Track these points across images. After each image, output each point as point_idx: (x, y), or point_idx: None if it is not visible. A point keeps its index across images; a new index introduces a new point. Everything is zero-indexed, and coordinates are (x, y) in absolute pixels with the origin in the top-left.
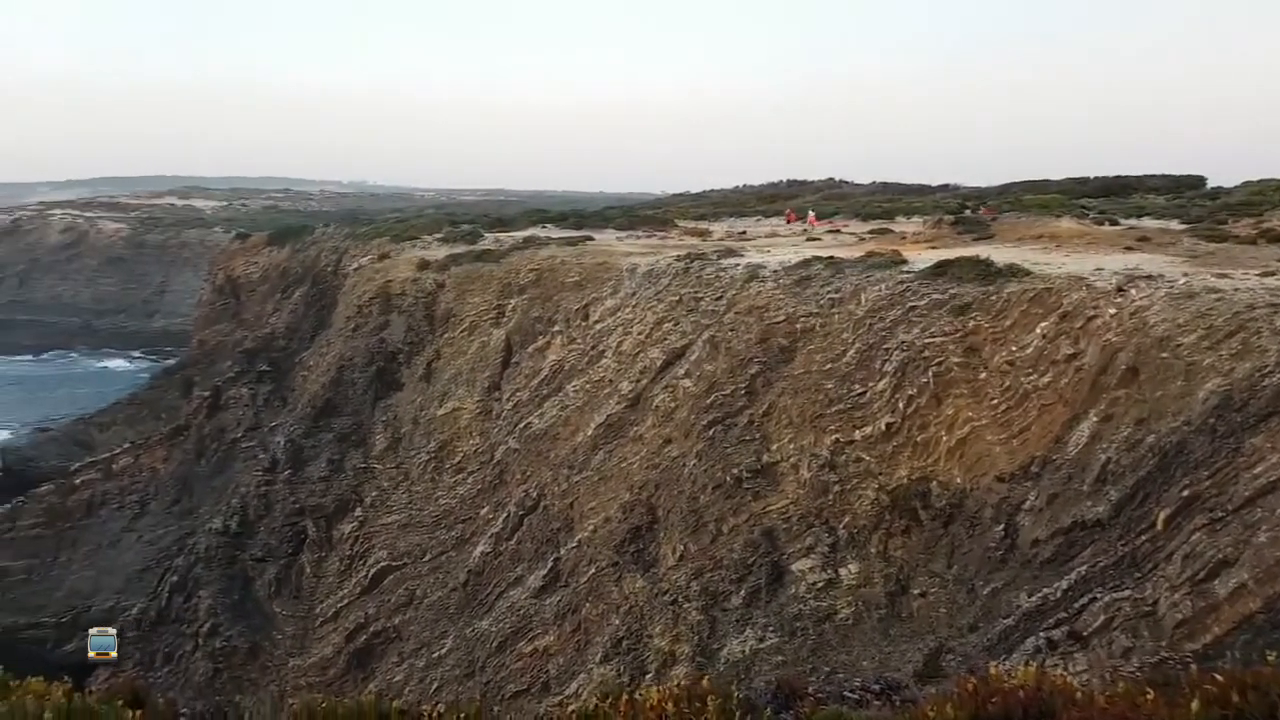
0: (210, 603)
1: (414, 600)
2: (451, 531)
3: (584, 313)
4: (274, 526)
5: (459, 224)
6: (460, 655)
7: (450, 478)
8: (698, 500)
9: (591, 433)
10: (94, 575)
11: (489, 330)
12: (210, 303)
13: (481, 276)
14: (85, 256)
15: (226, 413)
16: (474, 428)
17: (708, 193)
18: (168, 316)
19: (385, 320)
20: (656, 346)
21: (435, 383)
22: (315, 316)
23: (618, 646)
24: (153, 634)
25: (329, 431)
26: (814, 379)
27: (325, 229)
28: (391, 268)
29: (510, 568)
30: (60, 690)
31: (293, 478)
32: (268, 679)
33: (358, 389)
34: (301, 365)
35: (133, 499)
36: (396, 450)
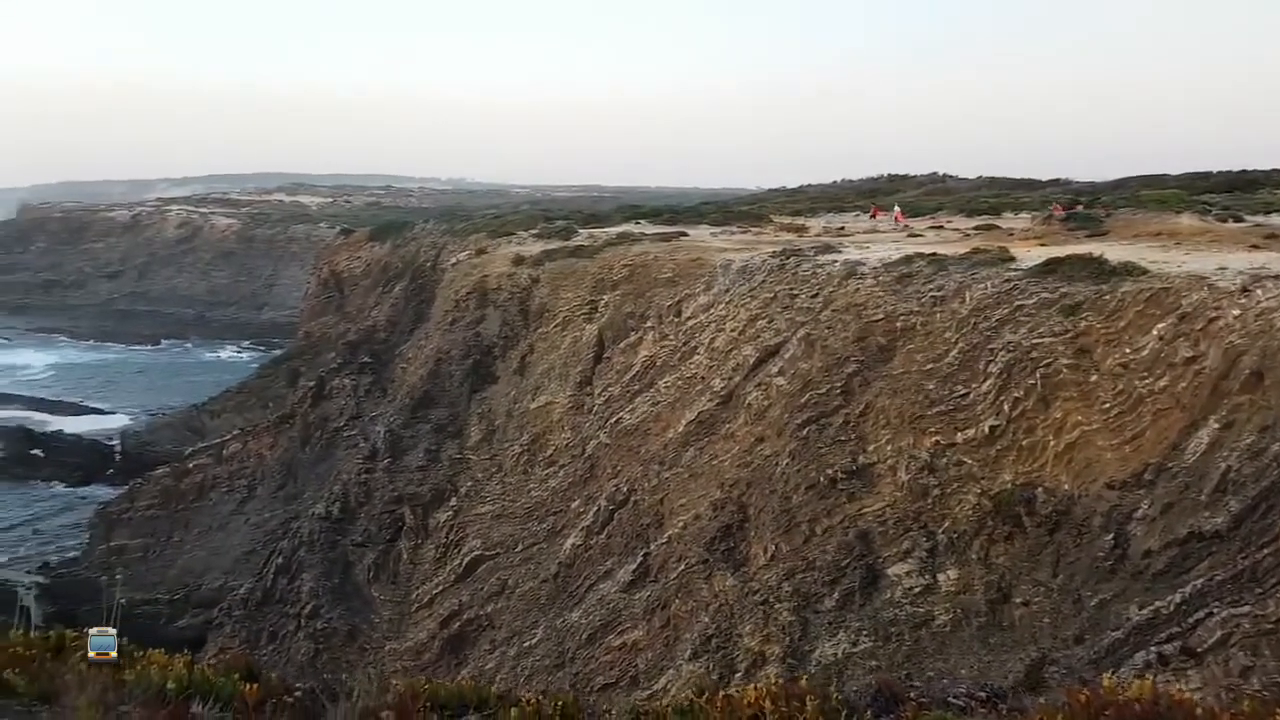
0: (312, 585)
1: (506, 590)
2: (543, 523)
3: (676, 309)
4: (373, 513)
5: (553, 220)
6: (550, 646)
7: (542, 470)
8: (790, 500)
9: (682, 429)
10: (204, 555)
11: (581, 325)
12: (315, 296)
13: (575, 272)
14: (199, 250)
15: (330, 402)
16: (566, 422)
17: (804, 188)
18: (275, 309)
19: (481, 315)
20: (750, 344)
21: (528, 377)
22: (414, 310)
23: (707, 644)
24: (258, 613)
25: (426, 422)
26: (914, 379)
27: (425, 225)
28: (488, 263)
29: (600, 561)
30: (181, 662)
31: (392, 466)
32: (365, 661)
33: (454, 381)
34: (401, 357)
35: (241, 483)
36: (490, 442)
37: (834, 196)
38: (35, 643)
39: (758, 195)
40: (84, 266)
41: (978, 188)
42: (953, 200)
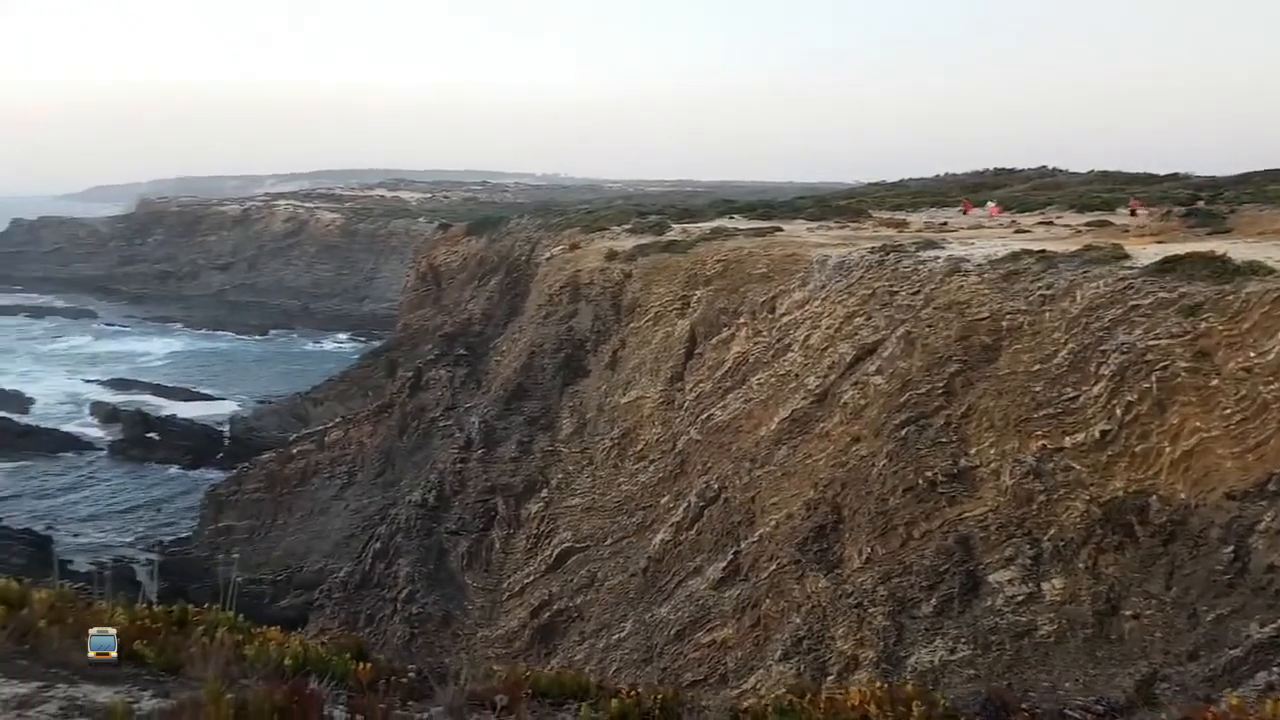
0: (408, 570)
1: (595, 582)
2: (632, 518)
3: (771, 305)
4: (467, 502)
5: (646, 215)
6: (639, 640)
7: (632, 465)
8: (887, 502)
9: (775, 427)
10: (306, 538)
11: (673, 321)
12: (414, 289)
13: (668, 267)
14: (305, 244)
15: (426, 393)
16: (656, 417)
17: (904, 182)
18: (376, 301)
19: (574, 309)
20: (846, 341)
21: (620, 371)
22: (509, 303)
23: (798, 645)
24: (356, 596)
25: (519, 414)
26: (1020, 380)
27: (520, 220)
28: (581, 258)
29: (690, 557)
30: (296, 639)
31: (485, 457)
32: (458, 647)
33: (547, 374)
34: (495, 350)
35: (342, 469)
36: (582, 435)
37: (936, 191)
38: (159, 616)
39: (856, 190)
40: (197, 258)
41: (1089, 182)
42: (1063, 195)
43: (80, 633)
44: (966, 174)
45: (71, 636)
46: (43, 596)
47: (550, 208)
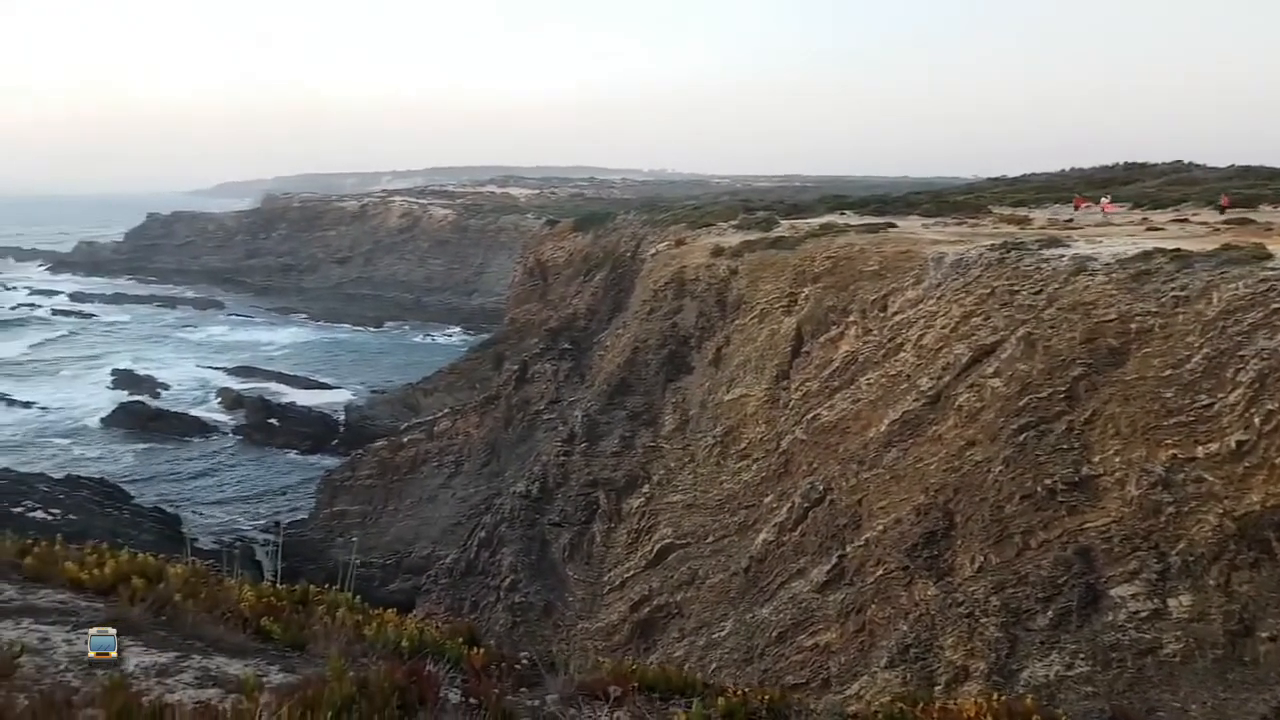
0: (512, 560)
1: (695, 580)
2: (734, 516)
3: (882, 303)
4: (570, 495)
5: (754, 211)
6: (740, 640)
7: (735, 463)
8: (1002, 510)
9: (885, 429)
10: (415, 524)
11: (780, 318)
12: (521, 283)
13: (775, 264)
14: (418, 239)
15: (532, 386)
16: (760, 415)
17: (1028, 177)
18: (484, 295)
19: (679, 305)
20: (963, 342)
21: (724, 368)
22: (613, 299)
23: (905, 653)
24: (461, 583)
25: (622, 409)
26: (1149, 386)
27: (625, 216)
28: (686, 254)
29: (793, 559)
30: (412, 622)
31: (588, 451)
32: (559, 637)
33: (650, 370)
34: (599, 345)
35: (449, 459)
36: (684, 432)
37: (1060, 186)
38: (283, 594)
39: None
40: (317, 252)
41: (1229, 178)
42: (1199, 191)
43: (214, 607)
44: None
45: (205, 610)
46: (177, 571)
47: (656, 204)
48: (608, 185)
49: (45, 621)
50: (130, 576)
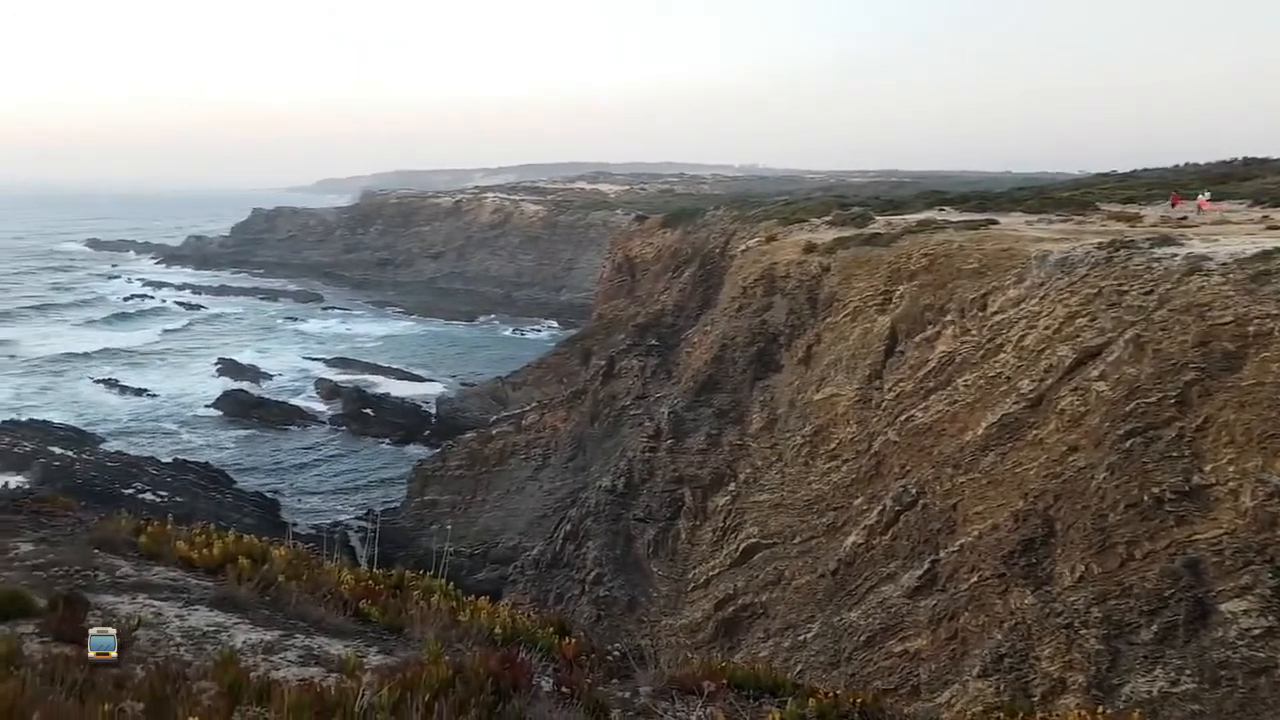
0: (596, 554)
1: (782, 580)
2: (822, 518)
3: (981, 302)
4: (655, 491)
5: (848, 206)
6: (826, 643)
7: (824, 464)
8: (1106, 518)
9: (982, 432)
10: (502, 516)
11: (873, 317)
12: (609, 279)
13: (869, 261)
14: (509, 235)
15: (618, 381)
16: (851, 415)
17: (1138, 172)
18: (573, 291)
19: (768, 302)
20: (1066, 343)
21: (814, 367)
22: (702, 295)
23: (998, 663)
24: (547, 574)
25: (709, 406)
26: (1268, 392)
27: (715, 212)
28: (777, 250)
29: (883, 563)
30: (505, 611)
31: (674, 447)
32: (642, 632)
33: (738, 368)
34: (687, 342)
35: (537, 452)
36: (772, 431)
37: (1174, 183)
38: (379, 579)
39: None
40: (412, 247)
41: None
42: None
43: (315, 589)
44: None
45: (307, 592)
46: (281, 554)
47: (747, 200)
48: (698, 181)
49: (159, 597)
50: (237, 557)
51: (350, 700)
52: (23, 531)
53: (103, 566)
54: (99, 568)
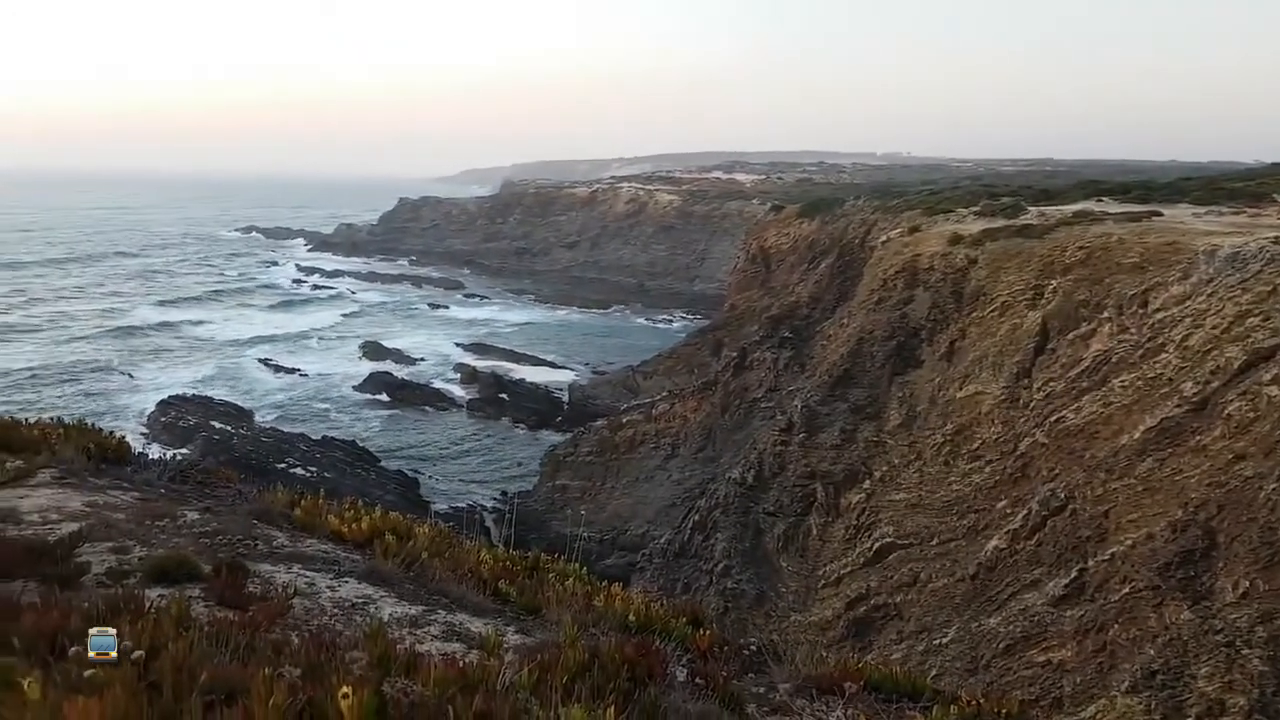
0: (725, 545)
1: (917, 582)
2: (962, 520)
3: (1142, 299)
4: (786, 485)
5: (998, 197)
6: (963, 648)
7: (965, 464)
8: (1275, 531)
9: (1139, 436)
10: (631, 503)
11: (1023, 312)
12: (743, 270)
13: (1020, 254)
14: (643, 225)
15: (750, 373)
16: (996, 415)
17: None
18: (705, 281)
19: (910, 295)
20: (1236, 344)
21: (957, 363)
22: (838, 288)
23: (1150, 680)
24: (674, 564)
25: (844, 401)
26: None
27: (855, 201)
28: (920, 241)
29: (1026, 569)
30: (640, 598)
31: (806, 442)
32: (770, 627)
33: (875, 362)
34: (822, 334)
35: (666, 441)
36: (910, 428)
37: None
38: (515, 559)
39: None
40: (549, 237)
41: None
42: None
43: (455, 567)
44: None
45: (448, 570)
46: (424, 531)
47: (889, 189)
48: (837, 170)
49: (311, 568)
50: (383, 533)
51: (492, 678)
52: (189, 501)
53: (261, 536)
54: (257, 537)
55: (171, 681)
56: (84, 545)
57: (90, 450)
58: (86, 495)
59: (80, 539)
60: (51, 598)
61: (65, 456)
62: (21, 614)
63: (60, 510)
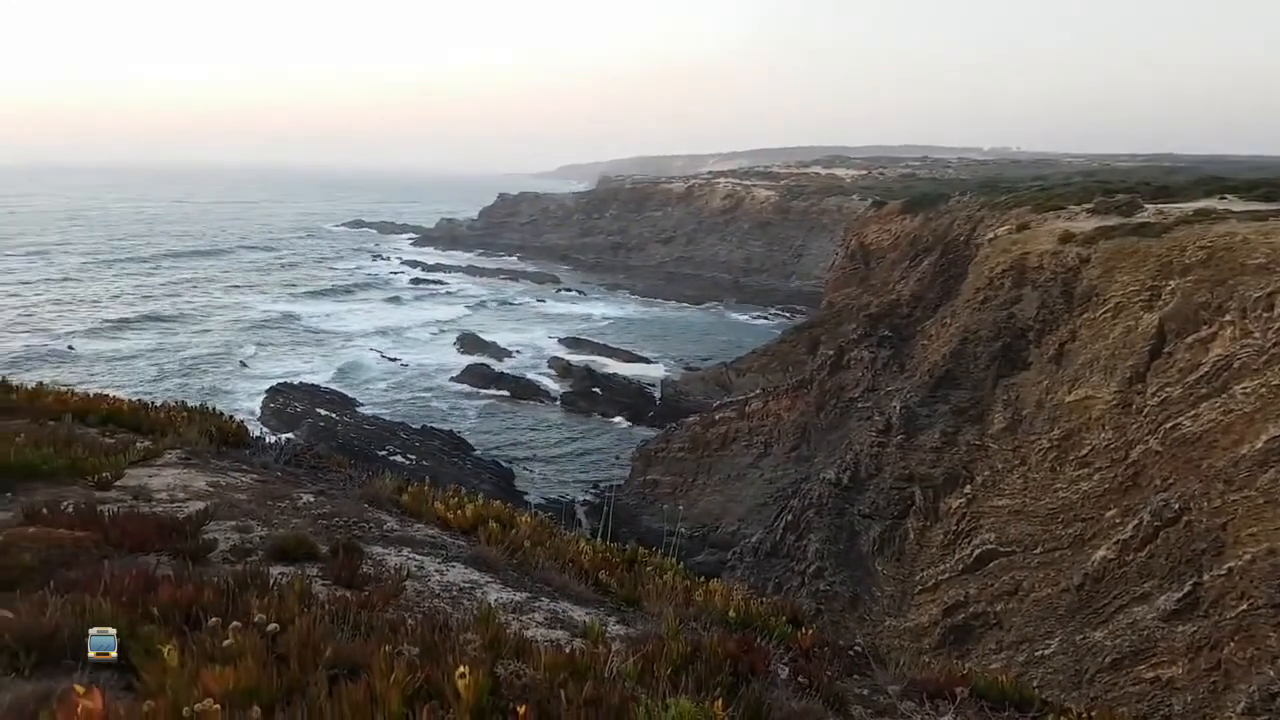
0: (818, 547)
1: (1019, 591)
2: (1069, 528)
3: (1268, 302)
4: (882, 487)
5: (1113, 193)
6: (1066, 661)
7: (1072, 470)
8: None
9: (1261, 445)
10: (721, 500)
11: (1138, 314)
12: (842, 267)
13: (1135, 253)
14: (740, 221)
15: (847, 372)
16: (1107, 420)
17: None
18: (802, 278)
19: (1017, 295)
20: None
21: (1066, 366)
22: (941, 286)
23: (1269, 702)
24: (765, 563)
25: (945, 403)
26: None
27: (960, 198)
28: (1030, 239)
29: (1136, 581)
30: (739, 594)
31: (904, 443)
32: (864, 631)
33: (979, 364)
34: (923, 334)
35: (759, 440)
36: (1015, 432)
37: None
38: (614, 552)
39: None
40: (644, 232)
41: None
42: None
43: (556, 557)
44: None
45: (550, 559)
46: (525, 520)
47: (996, 184)
48: (942, 165)
49: (420, 552)
50: (487, 520)
51: (600, 665)
52: (304, 483)
53: (371, 520)
54: (369, 521)
55: (298, 655)
56: (210, 523)
57: (212, 433)
58: (209, 476)
59: (207, 517)
60: (184, 572)
61: (189, 438)
62: (158, 586)
63: (186, 489)
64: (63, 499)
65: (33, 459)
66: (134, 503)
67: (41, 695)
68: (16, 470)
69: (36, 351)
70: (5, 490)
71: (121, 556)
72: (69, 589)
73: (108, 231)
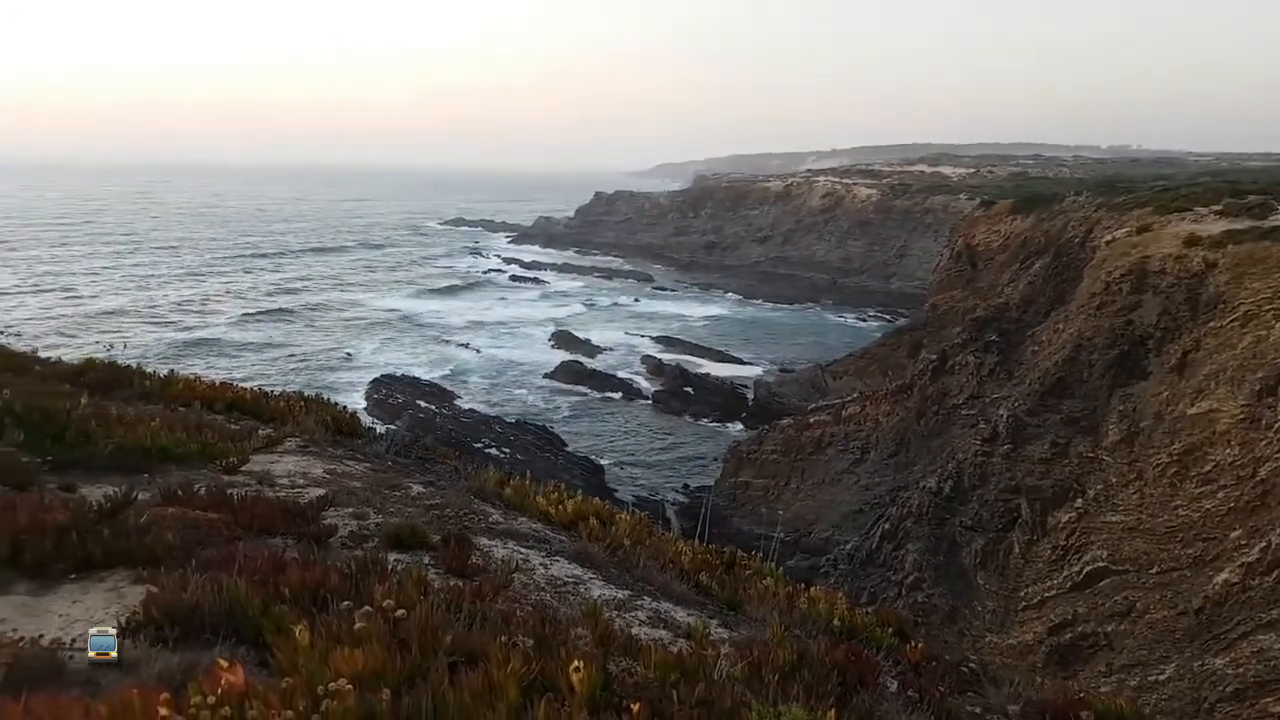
0: (916, 557)
1: (1132, 612)
2: (1188, 548)
3: None
4: (986, 499)
5: (1243, 194)
6: (1183, 687)
7: (1194, 487)
8: None
9: None
10: (815, 506)
11: (1270, 323)
12: (947, 269)
13: (1268, 258)
14: (839, 220)
15: (950, 378)
16: (1234, 435)
17: None
18: (904, 279)
19: (1137, 300)
20: None
21: (1190, 377)
22: (1053, 290)
23: None
24: (860, 571)
25: (1056, 413)
26: None
27: (1075, 198)
28: (1151, 242)
29: (1263, 607)
30: (843, 603)
31: (1011, 454)
32: (963, 646)
33: (1094, 372)
34: (1033, 340)
35: (855, 445)
36: (1131, 445)
37: None
38: (713, 554)
39: None
40: (740, 231)
41: None
42: None
43: (655, 556)
44: None
45: (650, 557)
46: (624, 518)
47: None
48: (1056, 163)
49: (524, 545)
50: (587, 516)
51: (709, 667)
52: (413, 474)
53: (478, 512)
54: (476, 513)
55: (419, 640)
56: (329, 509)
57: (327, 422)
58: (326, 463)
59: (327, 503)
60: (310, 555)
61: (307, 427)
62: (287, 568)
63: (305, 475)
64: (195, 482)
65: (168, 443)
66: (259, 487)
67: (187, 667)
68: (154, 453)
69: (168, 341)
70: (143, 471)
71: (250, 538)
72: (206, 567)
73: (229, 229)
